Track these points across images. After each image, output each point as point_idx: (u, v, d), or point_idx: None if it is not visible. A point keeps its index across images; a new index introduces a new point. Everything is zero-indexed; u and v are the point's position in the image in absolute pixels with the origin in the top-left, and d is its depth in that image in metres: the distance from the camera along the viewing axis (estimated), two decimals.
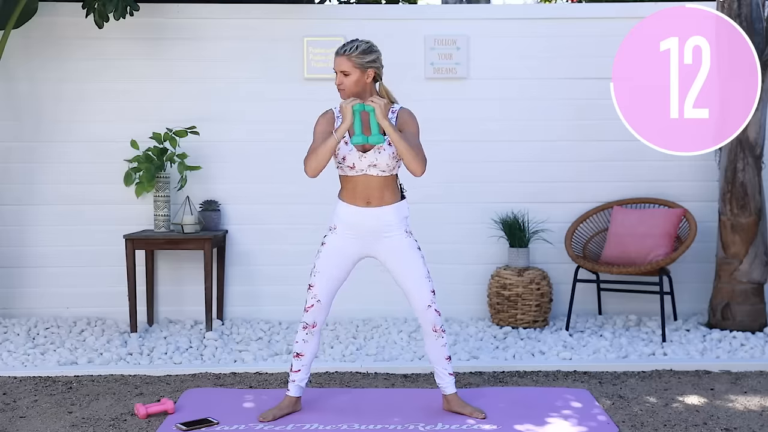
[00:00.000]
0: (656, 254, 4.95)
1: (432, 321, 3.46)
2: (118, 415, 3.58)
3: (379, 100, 3.34)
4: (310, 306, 3.47)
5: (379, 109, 3.32)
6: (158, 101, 5.37)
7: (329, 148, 3.35)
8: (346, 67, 3.40)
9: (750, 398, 3.84)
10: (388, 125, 3.33)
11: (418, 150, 3.38)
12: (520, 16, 5.60)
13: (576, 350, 4.60)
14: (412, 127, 3.48)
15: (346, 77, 3.40)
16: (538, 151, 5.45)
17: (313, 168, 3.37)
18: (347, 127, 3.35)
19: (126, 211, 5.33)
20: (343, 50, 3.41)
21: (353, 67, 3.40)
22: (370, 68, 3.44)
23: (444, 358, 3.52)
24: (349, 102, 3.35)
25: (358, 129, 3.35)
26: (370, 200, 3.45)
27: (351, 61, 3.39)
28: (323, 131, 3.45)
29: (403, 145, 3.34)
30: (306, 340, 3.49)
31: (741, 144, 5.04)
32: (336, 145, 3.36)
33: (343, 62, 3.40)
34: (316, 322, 3.47)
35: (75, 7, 5.25)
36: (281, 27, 5.42)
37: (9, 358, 4.41)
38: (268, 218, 5.42)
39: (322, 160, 3.36)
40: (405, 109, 3.54)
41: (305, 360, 3.51)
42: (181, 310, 5.36)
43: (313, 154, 3.37)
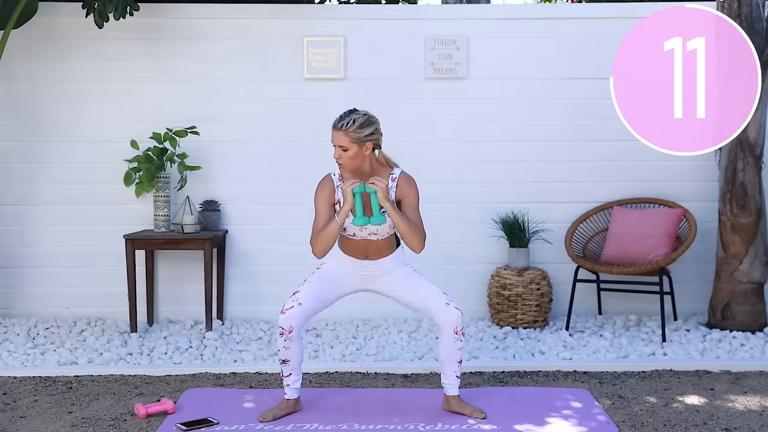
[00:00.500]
0: (656, 254, 4.95)
1: (454, 321, 3.45)
2: (118, 415, 3.58)
3: (380, 182, 3.33)
4: (289, 308, 3.41)
5: (381, 192, 3.33)
6: (158, 101, 5.37)
7: (334, 233, 3.38)
8: (344, 143, 3.36)
9: (750, 398, 3.84)
10: (389, 207, 3.35)
11: (418, 228, 3.42)
12: (520, 16, 5.60)
13: (576, 350, 4.60)
14: (412, 199, 3.48)
15: (345, 152, 3.37)
16: (538, 151, 5.45)
17: (321, 251, 3.41)
18: (349, 209, 3.36)
19: (126, 211, 5.33)
20: (341, 124, 3.36)
21: (351, 142, 3.35)
22: (368, 141, 3.40)
23: (455, 361, 3.52)
24: (349, 185, 3.34)
25: (360, 211, 3.37)
26: (368, 255, 3.52)
27: (349, 136, 3.35)
28: (325, 207, 3.46)
29: (404, 225, 3.38)
30: (287, 347, 3.43)
31: (741, 144, 5.04)
32: (340, 228, 3.39)
33: (341, 137, 3.36)
34: (292, 327, 3.39)
35: (75, 7, 5.25)
36: (281, 27, 5.42)
37: (9, 358, 4.41)
38: (268, 218, 5.42)
39: (328, 244, 3.40)
40: (404, 177, 3.50)
41: (293, 364, 3.48)
42: (181, 310, 5.36)
43: (319, 239, 3.40)
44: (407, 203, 3.47)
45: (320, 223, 3.42)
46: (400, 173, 3.50)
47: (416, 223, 3.43)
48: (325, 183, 3.50)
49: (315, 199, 3.48)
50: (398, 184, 3.47)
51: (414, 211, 3.46)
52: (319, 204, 3.46)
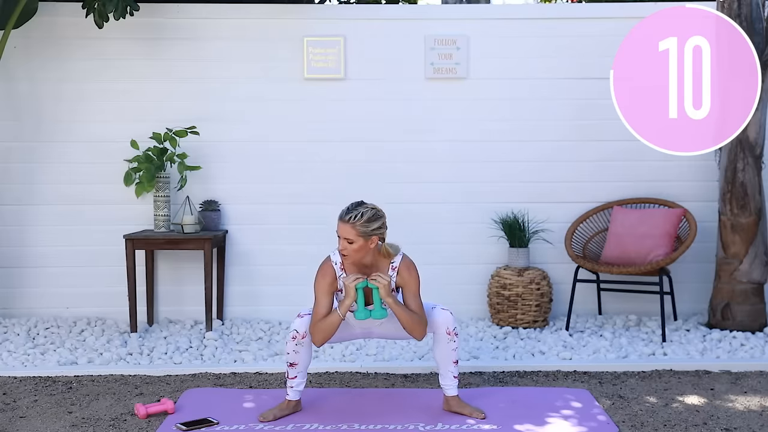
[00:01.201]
0: (656, 254, 4.94)
1: (444, 322, 3.46)
2: (118, 415, 3.58)
3: (382, 279, 3.33)
4: (306, 313, 3.47)
5: (384, 290, 3.34)
6: (158, 101, 5.37)
7: (335, 324, 3.39)
8: (350, 235, 3.34)
9: (750, 398, 3.84)
10: (391, 302, 3.37)
11: (419, 318, 3.43)
12: (520, 16, 5.60)
13: (576, 350, 4.59)
14: (413, 287, 3.47)
15: (350, 244, 3.35)
16: (538, 151, 5.45)
17: (321, 341, 3.42)
18: (350, 303, 3.37)
19: (126, 211, 5.33)
20: (348, 217, 3.35)
21: (357, 236, 3.34)
22: (374, 235, 3.38)
23: (452, 362, 3.52)
24: (352, 281, 3.34)
25: (361, 305, 3.40)
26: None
27: (356, 229, 3.34)
28: (326, 295, 3.44)
29: (406, 318, 3.39)
30: (297, 351, 3.45)
31: (741, 144, 5.04)
32: (340, 321, 3.40)
33: (348, 230, 3.34)
34: (305, 332, 3.43)
35: (75, 7, 5.25)
36: (281, 27, 5.42)
37: (9, 358, 4.41)
38: (268, 218, 5.42)
39: (328, 334, 3.41)
40: (404, 263, 3.48)
41: (300, 367, 3.50)
42: (181, 310, 5.36)
43: (320, 330, 3.39)
44: (408, 290, 3.47)
45: (321, 311, 3.41)
46: (401, 260, 3.48)
47: (418, 311, 3.43)
48: (326, 270, 3.47)
49: (315, 285, 3.46)
50: (399, 272, 3.46)
51: (415, 297, 3.46)
52: (320, 292, 3.44)
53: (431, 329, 3.51)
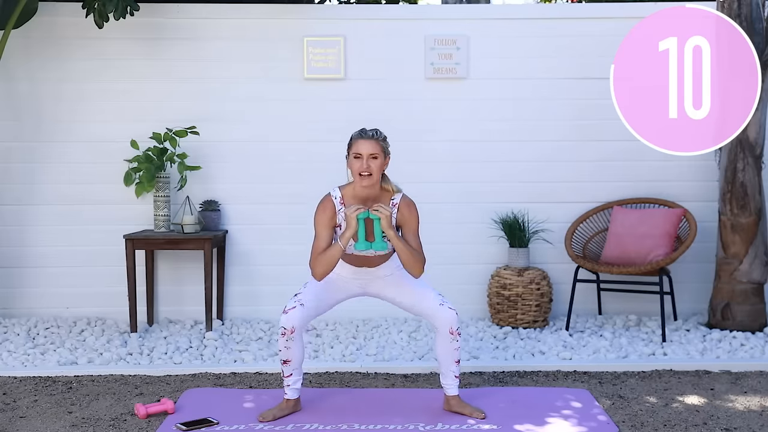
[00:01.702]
0: (656, 254, 4.94)
1: (449, 321, 3.46)
2: (118, 415, 3.58)
3: (384, 209, 3.35)
4: (291, 308, 3.42)
5: (385, 221, 3.35)
6: (158, 101, 5.37)
7: (335, 257, 3.39)
8: (376, 150, 3.38)
9: (750, 398, 3.84)
10: (392, 234, 3.37)
11: (419, 254, 3.45)
12: (520, 16, 5.60)
13: (576, 350, 4.60)
14: (413, 224, 3.50)
15: (375, 160, 3.38)
16: (538, 151, 5.45)
17: (322, 274, 3.42)
18: (352, 234, 3.37)
19: (126, 211, 5.33)
20: (371, 134, 3.41)
21: (381, 151, 3.40)
22: (388, 156, 3.46)
23: (454, 361, 3.53)
24: (353, 211, 3.35)
25: (362, 236, 3.40)
26: (366, 264, 3.55)
27: (380, 145, 3.41)
28: (326, 229, 3.46)
29: (406, 252, 3.40)
30: (288, 347, 3.44)
31: (741, 144, 5.04)
32: (342, 252, 3.40)
33: (374, 145, 3.39)
34: (294, 327, 3.40)
35: (75, 7, 5.25)
36: (281, 27, 5.42)
37: (9, 358, 4.41)
38: (268, 218, 5.42)
39: (329, 267, 3.41)
40: (406, 202, 3.51)
41: (294, 364, 3.49)
42: (181, 310, 5.37)
43: (320, 262, 3.40)
44: (408, 228, 3.49)
45: (321, 245, 3.43)
46: (401, 198, 3.51)
47: (417, 249, 3.45)
48: (326, 205, 3.49)
49: (315, 220, 3.48)
50: (399, 209, 3.48)
51: (414, 236, 3.48)
52: (320, 226, 3.46)
53: (433, 326, 3.51)
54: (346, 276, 3.58)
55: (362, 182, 3.39)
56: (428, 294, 3.52)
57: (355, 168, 3.39)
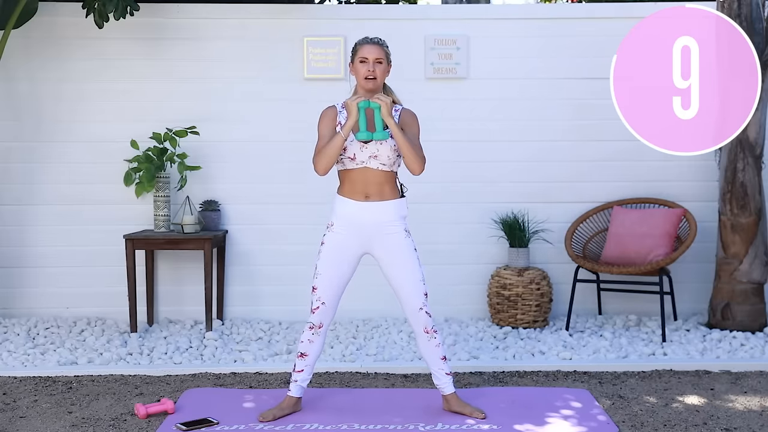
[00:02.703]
0: (656, 254, 4.94)
1: (423, 323, 3.47)
2: (118, 415, 3.58)
3: (384, 97, 3.40)
4: (316, 308, 3.48)
5: (385, 107, 3.38)
6: (158, 101, 5.37)
7: (337, 146, 3.40)
8: (381, 55, 3.46)
9: (750, 398, 3.84)
10: (392, 123, 3.39)
11: (418, 149, 3.47)
12: (520, 16, 5.60)
13: (576, 350, 4.60)
14: (414, 128, 3.55)
15: (380, 65, 3.45)
16: (537, 151, 5.45)
17: (323, 166, 3.44)
18: (353, 123, 3.38)
19: (126, 211, 5.33)
20: (375, 40, 3.49)
21: (385, 57, 3.48)
22: (390, 63, 3.53)
23: (439, 359, 3.52)
24: (354, 99, 3.39)
25: (363, 125, 3.41)
26: (369, 195, 3.46)
27: (384, 50, 3.49)
28: (328, 129, 3.50)
29: (406, 143, 3.41)
30: (312, 341, 3.49)
31: (741, 144, 5.04)
32: (343, 142, 3.40)
33: (379, 50, 3.46)
34: (322, 323, 3.48)
35: (75, 7, 5.25)
36: (281, 27, 5.42)
37: (9, 358, 4.41)
38: (268, 218, 5.42)
39: (331, 158, 3.42)
40: (407, 110, 3.59)
41: (309, 360, 3.51)
42: (181, 310, 5.37)
43: (322, 153, 3.43)
44: (409, 131, 3.52)
45: (323, 143, 3.47)
46: (403, 108, 3.58)
47: (417, 146, 3.49)
48: (329, 110, 3.57)
49: (318, 124, 3.54)
50: (401, 115, 3.54)
51: (415, 138, 3.53)
52: (323, 128, 3.52)
53: (411, 325, 3.51)
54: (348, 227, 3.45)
55: (367, 85, 3.44)
56: (417, 292, 3.44)
57: (362, 72, 3.45)
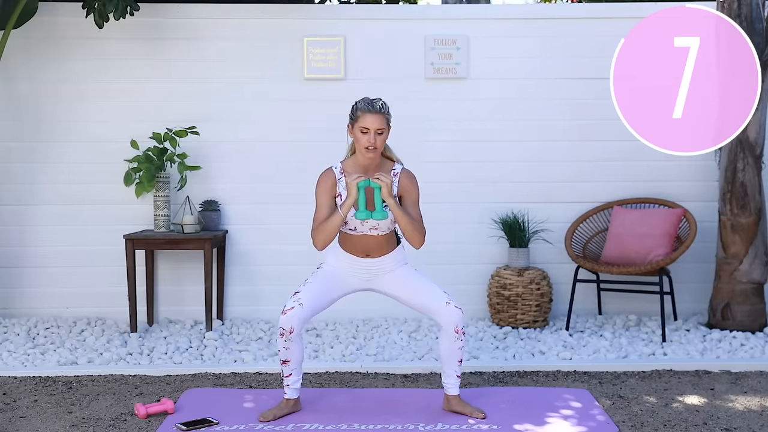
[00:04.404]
0: (656, 254, 4.94)
1: (455, 320, 3.44)
2: (118, 415, 3.58)
3: (385, 177, 3.35)
4: (290, 308, 3.39)
5: (386, 189, 3.35)
6: (158, 101, 5.37)
7: (336, 225, 3.40)
8: (383, 125, 3.39)
9: (750, 398, 3.84)
10: (392, 203, 3.37)
11: (419, 224, 3.45)
12: (520, 16, 5.60)
13: (576, 350, 4.60)
14: (413, 195, 3.51)
15: (380, 135, 3.39)
16: (537, 151, 5.45)
17: (323, 242, 3.43)
18: (352, 202, 3.37)
19: (126, 211, 5.33)
20: (377, 107, 3.39)
21: (386, 125, 3.41)
22: (390, 126, 3.47)
23: (456, 360, 3.52)
24: (354, 179, 3.35)
25: (362, 205, 3.39)
26: (369, 253, 3.52)
27: (386, 118, 3.41)
28: (326, 199, 3.47)
29: (406, 221, 3.40)
30: (287, 347, 3.42)
31: (741, 144, 5.04)
32: (342, 221, 3.40)
33: (381, 120, 3.38)
34: (293, 328, 3.38)
35: (75, 7, 5.25)
36: (281, 27, 5.42)
37: (9, 358, 4.41)
38: (268, 218, 5.42)
39: (330, 236, 3.41)
40: (406, 173, 3.52)
41: (293, 364, 3.48)
42: (181, 310, 5.37)
43: (321, 230, 3.41)
44: (408, 199, 3.49)
45: (322, 215, 3.44)
46: (402, 169, 3.53)
47: (417, 219, 3.46)
48: (326, 176, 3.50)
49: (316, 191, 3.49)
50: (400, 180, 3.49)
51: (415, 206, 3.49)
52: (321, 196, 3.47)
53: (439, 325, 3.49)
54: (347, 269, 3.54)
55: (367, 155, 3.40)
56: (435, 291, 3.48)
57: (362, 142, 3.39)
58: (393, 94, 5.39)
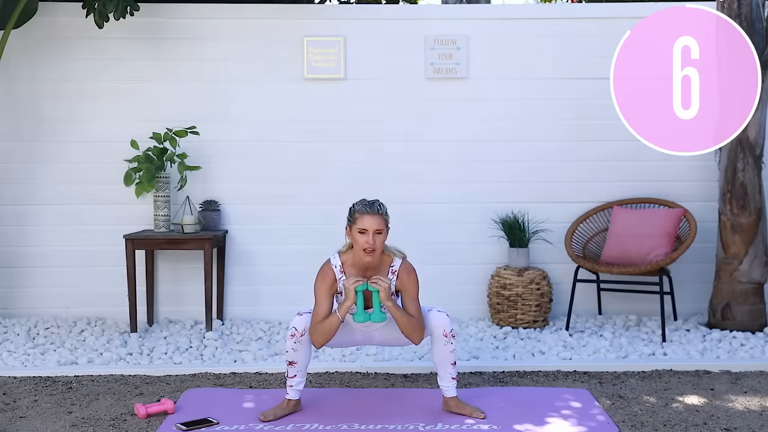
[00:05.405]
0: (656, 254, 4.94)
1: (441, 324, 3.46)
2: (118, 415, 3.58)
3: (383, 282, 3.34)
4: (306, 312, 3.47)
5: (384, 293, 3.34)
6: (158, 101, 5.37)
7: (334, 327, 3.39)
8: (381, 226, 3.38)
9: (750, 398, 3.84)
10: (391, 306, 3.37)
11: (417, 322, 3.43)
12: (520, 16, 5.60)
13: (576, 350, 4.60)
14: (412, 291, 3.48)
15: (379, 235, 3.37)
16: (537, 151, 5.45)
17: (321, 343, 3.41)
18: (350, 305, 3.36)
19: (126, 211, 5.33)
20: (376, 209, 3.38)
21: (385, 226, 3.40)
22: (389, 228, 3.45)
23: (450, 363, 3.52)
24: (352, 283, 3.34)
25: (361, 307, 3.39)
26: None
27: (384, 219, 3.40)
28: (326, 295, 3.44)
29: (404, 322, 3.40)
30: (296, 349, 3.45)
31: (741, 144, 5.04)
32: (339, 324, 3.39)
33: (379, 221, 3.37)
34: (305, 330, 3.43)
35: (75, 7, 5.25)
36: (281, 27, 5.42)
37: (9, 358, 4.41)
38: (268, 218, 5.42)
39: (328, 336, 3.40)
40: (405, 268, 3.50)
41: (299, 366, 3.50)
42: (181, 310, 5.36)
43: (319, 331, 3.39)
44: (407, 294, 3.48)
45: (321, 313, 3.42)
46: (401, 264, 3.49)
47: (416, 316, 3.44)
48: (326, 273, 3.47)
49: (315, 287, 3.46)
50: (398, 276, 3.48)
51: (413, 301, 3.47)
52: (320, 293, 3.45)
53: (428, 332, 3.51)
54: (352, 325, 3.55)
55: (366, 257, 3.38)
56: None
57: (360, 243, 3.36)
58: (393, 94, 5.42)
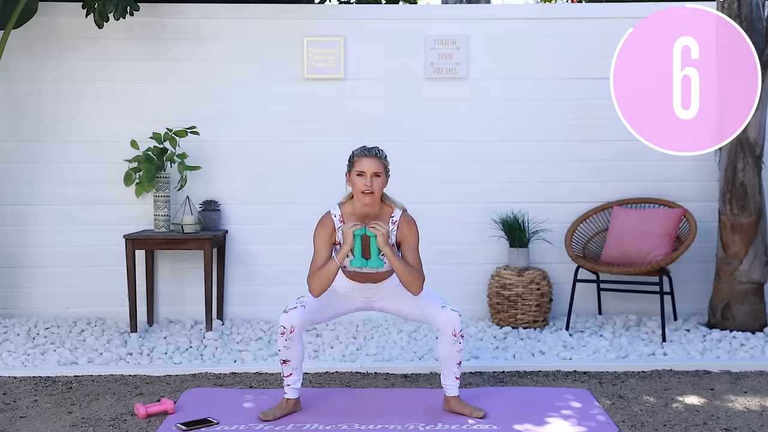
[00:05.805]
0: (656, 254, 4.94)
1: (452, 323, 3.46)
2: (118, 415, 3.58)
3: (381, 227, 3.35)
4: (291, 308, 3.43)
5: (381, 238, 3.35)
6: (158, 101, 5.37)
7: (332, 273, 3.39)
8: (379, 168, 3.40)
9: (750, 398, 3.84)
10: (388, 252, 3.37)
11: (417, 272, 3.44)
12: (520, 16, 5.61)
13: (576, 350, 4.60)
14: (412, 242, 3.49)
15: (378, 178, 3.39)
16: (537, 151, 5.45)
17: (318, 290, 3.42)
18: (348, 250, 3.37)
19: (126, 211, 5.33)
20: (373, 152, 3.42)
21: (383, 169, 3.42)
22: (389, 174, 3.48)
23: (455, 363, 3.53)
24: (350, 227, 3.36)
25: (358, 253, 3.39)
26: (370, 280, 3.55)
27: (383, 163, 3.43)
28: (324, 244, 3.46)
29: (403, 270, 3.40)
30: (287, 347, 3.44)
31: (741, 144, 5.04)
32: (338, 269, 3.40)
33: (377, 164, 3.40)
34: (294, 327, 3.40)
35: (75, 7, 5.25)
36: (281, 27, 5.42)
37: (9, 358, 4.41)
38: (268, 218, 5.42)
39: (326, 284, 3.41)
40: (405, 219, 3.51)
41: (293, 364, 3.49)
42: (181, 310, 5.37)
43: (317, 278, 3.40)
44: (407, 246, 3.48)
45: (318, 262, 3.43)
46: (401, 215, 3.50)
47: (415, 267, 3.45)
48: (325, 222, 3.49)
49: (314, 236, 3.48)
50: (399, 227, 3.48)
51: (413, 252, 3.48)
52: (319, 243, 3.47)
53: (437, 329, 3.50)
54: (349, 291, 3.58)
55: (364, 200, 3.39)
56: (430, 299, 3.52)
57: (359, 186, 3.38)
58: (393, 94, 5.42)
